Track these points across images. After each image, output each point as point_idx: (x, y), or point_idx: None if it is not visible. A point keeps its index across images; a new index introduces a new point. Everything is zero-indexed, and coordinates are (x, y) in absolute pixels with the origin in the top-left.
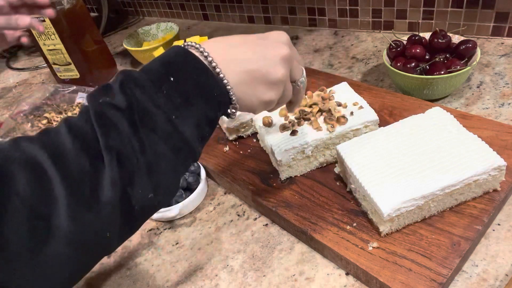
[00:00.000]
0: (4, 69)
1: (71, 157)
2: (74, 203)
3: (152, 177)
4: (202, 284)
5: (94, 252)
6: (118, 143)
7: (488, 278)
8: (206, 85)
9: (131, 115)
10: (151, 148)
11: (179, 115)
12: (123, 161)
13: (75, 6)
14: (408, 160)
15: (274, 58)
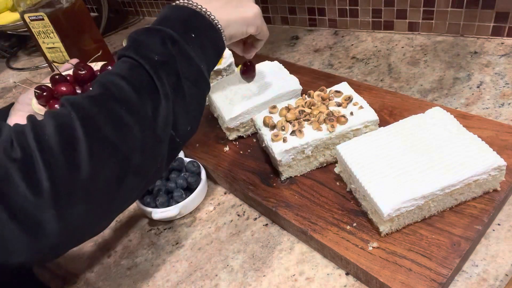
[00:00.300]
0: (4, 69)
1: (139, 106)
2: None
3: (189, 115)
4: (202, 284)
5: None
6: (171, 93)
7: (488, 278)
8: (214, 38)
9: (176, 67)
10: (189, 93)
11: (202, 64)
12: (174, 107)
13: (74, 5)
14: (408, 160)
15: (247, 3)
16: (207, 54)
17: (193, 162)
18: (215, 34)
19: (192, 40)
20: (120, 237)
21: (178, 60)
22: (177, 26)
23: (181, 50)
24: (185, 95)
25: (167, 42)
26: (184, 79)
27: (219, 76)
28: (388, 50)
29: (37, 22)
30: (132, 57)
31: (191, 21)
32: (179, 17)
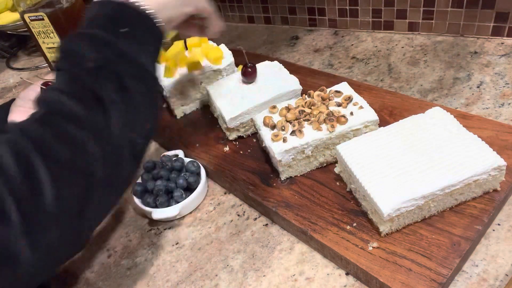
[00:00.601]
0: (4, 69)
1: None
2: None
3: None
4: (202, 284)
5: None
6: (117, 97)
7: (488, 278)
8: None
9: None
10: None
11: (141, 57)
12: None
13: (74, 5)
14: (408, 160)
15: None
16: (144, 44)
17: (193, 162)
18: (147, 22)
19: (124, 36)
20: (120, 237)
21: (114, 61)
22: (106, 25)
23: (115, 50)
24: (132, 94)
25: (99, 45)
26: (127, 78)
27: (219, 76)
28: (388, 50)
29: (37, 22)
30: (68, 69)
31: (118, 16)
32: (105, 14)
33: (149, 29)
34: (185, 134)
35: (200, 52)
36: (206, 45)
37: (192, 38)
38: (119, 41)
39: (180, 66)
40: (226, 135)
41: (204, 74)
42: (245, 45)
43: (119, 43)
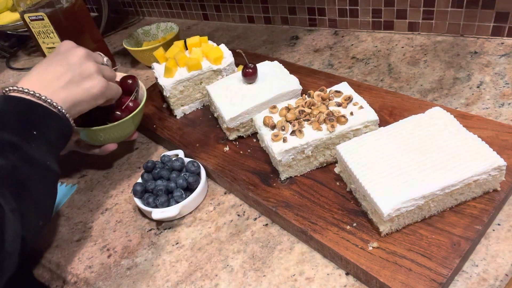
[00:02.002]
0: (4, 69)
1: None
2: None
3: (39, 212)
4: (202, 284)
5: None
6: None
7: (488, 278)
8: (58, 127)
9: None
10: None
11: (48, 158)
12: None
13: (74, 5)
14: (408, 160)
15: (77, 60)
16: (53, 145)
17: (193, 162)
18: (59, 122)
19: (34, 139)
20: (120, 237)
21: (20, 167)
22: (15, 126)
23: (23, 156)
24: (33, 195)
25: (7, 151)
26: (30, 182)
27: (219, 76)
28: (388, 50)
29: (37, 22)
30: None
31: (30, 116)
32: (16, 113)
33: (60, 130)
34: (185, 134)
35: (200, 52)
36: (206, 45)
37: (192, 38)
38: (28, 145)
39: (180, 66)
40: (226, 135)
41: (204, 74)
42: (245, 45)
43: (27, 148)
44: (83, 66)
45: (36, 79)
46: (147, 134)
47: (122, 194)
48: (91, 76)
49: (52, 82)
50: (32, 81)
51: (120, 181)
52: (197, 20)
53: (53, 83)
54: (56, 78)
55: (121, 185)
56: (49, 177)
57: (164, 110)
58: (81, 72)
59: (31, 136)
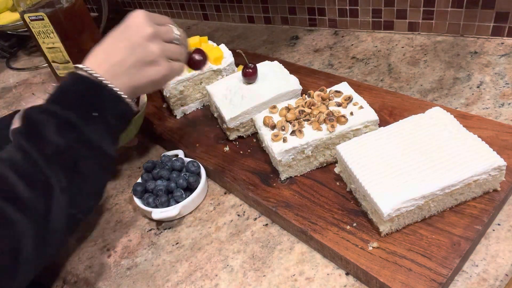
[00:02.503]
0: (4, 69)
1: (30, 202)
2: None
3: (91, 192)
4: (202, 284)
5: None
6: (68, 183)
7: (488, 278)
8: (120, 111)
9: (73, 155)
10: (90, 173)
11: (104, 140)
12: (72, 193)
13: (74, 4)
14: (408, 160)
15: (142, 42)
16: (111, 128)
17: (193, 162)
18: (121, 107)
19: (93, 120)
20: (120, 237)
21: (76, 148)
22: (76, 105)
23: (80, 136)
24: (85, 178)
25: (64, 128)
26: (83, 162)
27: (219, 76)
28: (388, 50)
29: (37, 22)
30: (25, 147)
31: (93, 97)
32: (79, 92)
33: (120, 114)
34: (185, 134)
35: None
36: (206, 45)
37: (192, 38)
38: (86, 126)
39: None
40: (226, 135)
41: (204, 74)
42: (245, 45)
43: (85, 129)
44: (147, 49)
45: (102, 60)
46: (147, 134)
47: (122, 194)
48: (154, 62)
49: (115, 66)
50: (98, 62)
51: (120, 181)
52: (197, 20)
53: (115, 67)
54: (119, 62)
55: (121, 185)
56: (103, 160)
57: (164, 110)
58: (144, 57)
59: (91, 117)
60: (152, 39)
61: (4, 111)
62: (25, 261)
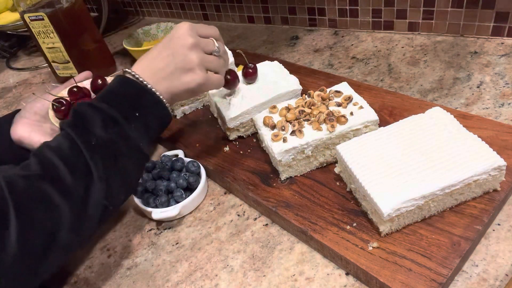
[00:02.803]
0: (4, 69)
1: (72, 188)
2: (74, 221)
3: (124, 188)
4: (202, 284)
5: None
6: (106, 174)
7: (488, 278)
8: (160, 115)
9: (113, 150)
10: (126, 169)
11: (142, 141)
12: (108, 185)
13: (74, 4)
14: (408, 160)
15: (183, 51)
16: (150, 130)
17: (193, 162)
18: (162, 111)
19: (135, 120)
20: (120, 237)
21: (117, 142)
22: (122, 104)
23: (122, 132)
24: (121, 172)
25: (108, 124)
26: (122, 158)
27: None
28: (388, 50)
29: (37, 22)
30: (72, 137)
31: (137, 99)
32: (125, 93)
33: (160, 117)
34: (185, 134)
35: None
36: None
37: None
38: (128, 124)
39: None
40: (226, 135)
41: None
42: (245, 45)
43: (127, 127)
44: (187, 58)
45: (146, 66)
46: None
47: None
48: (191, 70)
49: (157, 72)
50: (142, 67)
51: None
52: (197, 20)
53: (158, 73)
54: (161, 69)
55: None
56: (139, 158)
57: None
58: (183, 65)
59: (133, 117)
60: (192, 49)
61: (4, 111)
62: (59, 245)
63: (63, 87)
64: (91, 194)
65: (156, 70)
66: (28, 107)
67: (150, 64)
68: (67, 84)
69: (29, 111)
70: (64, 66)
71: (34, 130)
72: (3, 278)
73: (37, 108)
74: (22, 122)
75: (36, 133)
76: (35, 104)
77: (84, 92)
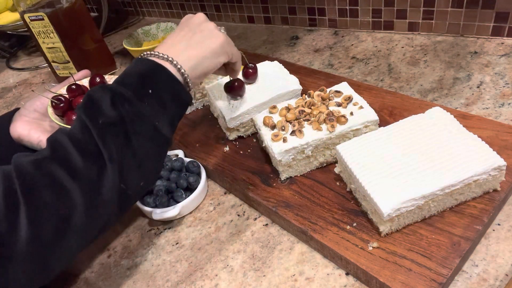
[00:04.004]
0: (4, 69)
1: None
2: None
3: (141, 171)
4: (202, 284)
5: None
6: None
7: (488, 278)
8: (176, 91)
9: (124, 128)
10: (142, 150)
11: (159, 120)
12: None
13: (74, 4)
14: (408, 160)
15: (199, 23)
16: (166, 108)
17: (193, 162)
18: (177, 87)
19: (148, 97)
20: (120, 237)
21: (127, 120)
22: (134, 83)
23: (132, 109)
24: (136, 152)
25: (117, 101)
26: (135, 137)
27: (219, 76)
28: (388, 50)
29: (37, 22)
30: (83, 119)
31: (150, 76)
32: (139, 72)
33: (176, 94)
34: (185, 134)
35: None
36: None
37: None
38: (140, 102)
39: None
40: (226, 135)
41: None
42: (245, 45)
43: (138, 104)
44: (202, 25)
45: (165, 44)
46: None
47: None
48: (210, 33)
49: (176, 45)
50: (162, 46)
51: None
52: None
53: (176, 45)
54: (179, 41)
55: None
56: (156, 139)
57: None
58: (201, 30)
59: (145, 94)
60: (206, 20)
61: (4, 111)
62: (73, 231)
63: (62, 85)
64: (104, 177)
65: (173, 45)
66: (28, 105)
67: (170, 42)
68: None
69: (28, 109)
70: (64, 66)
71: (34, 128)
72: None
73: (36, 106)
74: (22, 120)
75: (35, 130)
76: (34, 102)
77: (82, 89)
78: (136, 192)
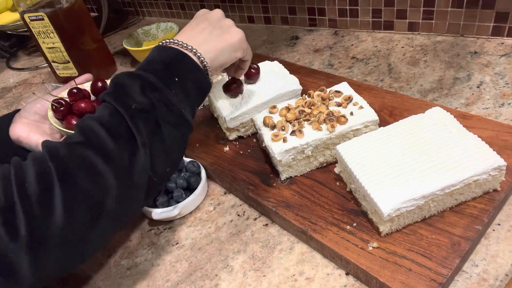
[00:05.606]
0: (4, 69)
1: (115, 154)
2: (120, 189)
3: (168, 158)
4: (202, 284)
5: (126, 220)
6: (150, 140)
7: (488, 278)
8: (199, 80)
9: (155, 115)
10: (169, 137)
11: (185, 107)
12: (152, 153)
13: (74, 4)
14: (408, 160)
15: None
16: (190, 96)
17: (193, 162)
18: (200, 76)
19: (174, 85)
20: (120, 237)
21: (157, 107)
22: (160, 70)
23: (161, 97)
24: (165, 139)
25: (147, 89)
26: (164, 124)
27: (219, 76)
28: (388, 50)
29: (37, 22)
30: (113, 105)
31: (175, 64)
32: (163, 59)
33: (198, 83)
34: None
35: None
36: None
37: None
38: (168, 89)
39: None
40: (226, 135)
41: None
42: None
43: (167, 92)
44: (221, 21)
45: (184, 35)
46: None
47: None
48: (229, 28)
49: (196, 36)
50: (181, 36)
51: None
52: None
53: (197, 37)
54: (199, 33)
55: None
56: (182, 126)
57: None
58: (220, 26)
59: (172, 82)
60: (224, 16)
61: (4, 111)
62: (106, 216)
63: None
64: (136, 161)
65: (194, 36)
66: (28, 107)
67: (190, 33)
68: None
69: (28, 111)
70: (64, 66)
71: (33, 130)
72: (50, 249)
73: (36, 108)
74: (21, 122)
75: (34, 133)
76: (35, 104)
77: (84, 93)
78: (162, 179)
